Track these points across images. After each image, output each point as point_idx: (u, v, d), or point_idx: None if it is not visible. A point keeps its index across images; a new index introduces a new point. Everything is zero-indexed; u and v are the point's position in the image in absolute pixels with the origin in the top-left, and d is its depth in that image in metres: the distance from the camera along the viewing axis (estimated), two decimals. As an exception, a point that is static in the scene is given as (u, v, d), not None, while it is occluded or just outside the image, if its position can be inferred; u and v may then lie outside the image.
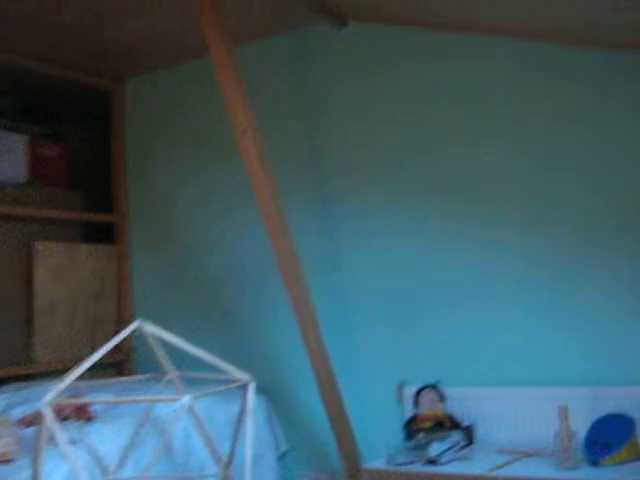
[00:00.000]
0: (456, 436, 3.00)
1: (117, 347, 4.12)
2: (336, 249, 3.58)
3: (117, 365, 4.23)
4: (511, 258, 3.18)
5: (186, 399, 2.22)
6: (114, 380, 3.02)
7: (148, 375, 2.85)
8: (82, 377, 2.26)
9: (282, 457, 3.71)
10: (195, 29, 2.90)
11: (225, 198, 3.90)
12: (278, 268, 3.04)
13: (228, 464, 2.65)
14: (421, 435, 3.06)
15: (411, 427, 3.17)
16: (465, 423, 3.13)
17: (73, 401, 2.52)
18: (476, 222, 3.26)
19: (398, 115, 3.46)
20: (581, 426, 2.77)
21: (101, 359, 2.34)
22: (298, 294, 3.07)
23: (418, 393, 3.23)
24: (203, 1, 2.78)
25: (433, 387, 3.23)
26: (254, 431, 3.45)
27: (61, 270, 3.93)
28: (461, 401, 3.21)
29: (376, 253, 3.49)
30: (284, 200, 3.04)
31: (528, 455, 2.85)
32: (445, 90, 3.36)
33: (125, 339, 4.11)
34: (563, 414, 2.68)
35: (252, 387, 2.60)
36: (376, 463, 3.05)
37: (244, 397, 2.55)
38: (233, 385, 2.56)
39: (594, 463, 2.64)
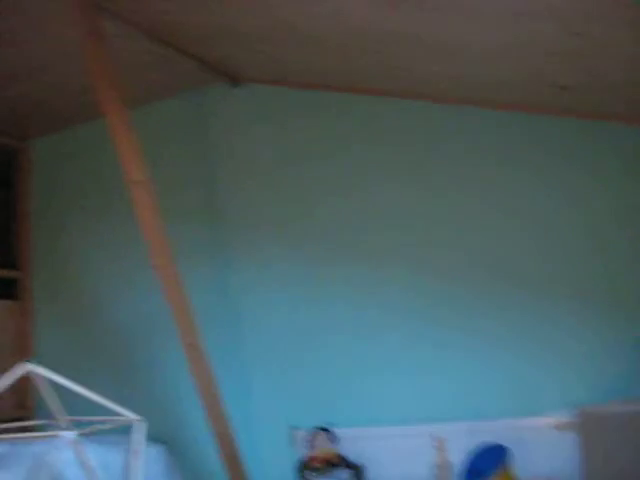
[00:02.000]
0: (344, 473, 3.12)
1: (20, 404, 4.18)
2: (230, 298, 3.72)
3: (21, 421, 4.19)
4: (395, 302, 3.40)
5: (69, 434, 2.29)
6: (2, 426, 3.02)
7: (41, 421, 2.90)
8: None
9: (183, 508, 3.75)
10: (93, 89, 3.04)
11: (128, 253, 3.99)
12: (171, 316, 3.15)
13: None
14: (311, 475, 3.17)
15: (303, 468, 3.27)
16: (356, 462, 3.26)
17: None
18: (359, 264, 3.48)
19: (293, 169, 3.68)
20: (459, 458, 2.94)
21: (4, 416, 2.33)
22: (190, 341, 3.16)
23: (310, 435, 3.34)
24: (97, 64, 2.93)
25: (324, 429, 3.35)
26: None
27: (-40, 326, 3.93)
28: (353, 441, 3.34)
29: (267, 302, 3.65)
30: (180, 253, 3.17)
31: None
32: (340, 145, 3.60)
33: (28, 396, 4.19)
34: (439, 446, 2.85)
35: (141, 426, 2.69)
36: (268, 503, 3.15)
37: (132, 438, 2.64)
38: (119, 421, 2.64)
39: (470, 490, 2.80)
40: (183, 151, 3.93)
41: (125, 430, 2.73)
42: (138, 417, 2.67)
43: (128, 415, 2.67)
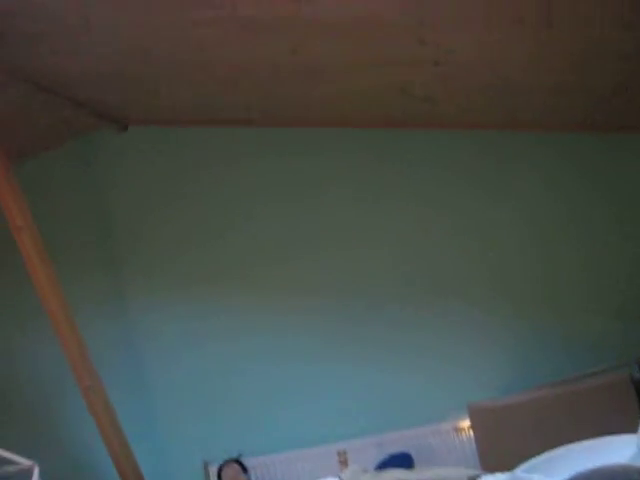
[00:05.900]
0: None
1: None
2: (132, 341, 3.66)
3: None
4: (296, 328, 3.44)
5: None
6: None
7: None
8: None
9: None
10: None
11: (21, 302, 3.80)
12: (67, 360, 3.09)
13: None
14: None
15: (216, 502, 3.23)
16: (270, 489, 3.23)
17: None
18: (260, 297, 3.52)
19: (188, 210, 3.68)
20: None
21: None
22: (88, 384, 3.11)
23: (221, 468, 3.30)
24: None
25: (235, 460, 3.31)
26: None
27: None
28: (265, 469, 3.33)
29: (172, 343, 3.59)
30: (81, 310, 3.21)
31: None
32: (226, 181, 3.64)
33: None
34: (342, 459, 2.85)
35: (36, 471, 2.63)
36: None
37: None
38: (14, 469, 2.58)
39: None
40: (75, 202, 3.81)
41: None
42: (29, 462, 2.61)
43: (20, 461, 2.62)
